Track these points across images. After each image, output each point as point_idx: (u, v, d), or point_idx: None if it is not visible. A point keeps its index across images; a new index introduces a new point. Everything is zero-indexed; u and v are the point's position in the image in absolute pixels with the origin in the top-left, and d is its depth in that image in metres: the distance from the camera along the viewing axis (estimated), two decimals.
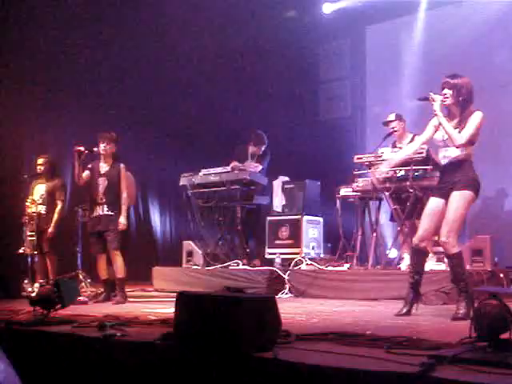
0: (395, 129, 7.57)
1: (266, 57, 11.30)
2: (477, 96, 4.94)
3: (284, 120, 10.98)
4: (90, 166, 7.03)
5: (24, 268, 7.62)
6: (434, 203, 4.91)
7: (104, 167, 6.97)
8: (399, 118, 7.64)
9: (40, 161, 7.91)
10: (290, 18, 11.38)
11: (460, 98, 4.82)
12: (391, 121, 7.62)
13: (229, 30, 10.73)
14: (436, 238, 5.09)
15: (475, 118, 4.78)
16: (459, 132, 4.76)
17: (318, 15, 11.36)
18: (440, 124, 4.84)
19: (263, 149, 8.71)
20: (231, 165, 8.49)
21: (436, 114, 4.83)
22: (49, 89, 10.08)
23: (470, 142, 4.80)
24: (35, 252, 7.59)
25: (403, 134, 7.65)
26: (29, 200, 7.67)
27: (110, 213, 6.82)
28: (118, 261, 6.81)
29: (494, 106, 8.18)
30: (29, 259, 7.61)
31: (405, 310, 4.92)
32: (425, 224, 4.94)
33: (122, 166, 6.98)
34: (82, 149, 6.80)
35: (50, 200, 7.78)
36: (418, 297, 5.01)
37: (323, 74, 11.96)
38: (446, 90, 4.85)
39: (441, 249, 5.63)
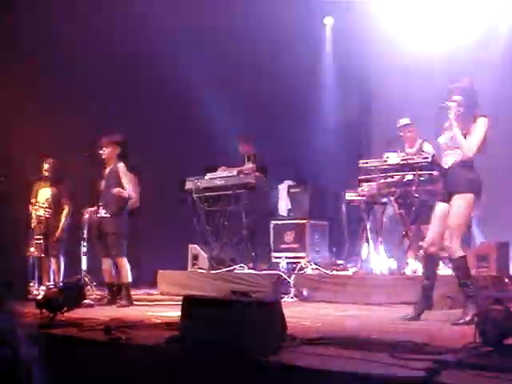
0: (408, 134, 7.46)
1: (267, 61, 11.26)
2: None
3: (289, 125, 10.95)
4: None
5: (31, 271, 7.65)
6: (439, 208, 4.95)
7: (107, 170, 7.03)
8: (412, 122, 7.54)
9: (46, 166, 7.91)
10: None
11: (469, 102, 4.82)
12: (408, 124, 7.49)
13: (229, 39, 10.65)
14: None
15: (480, 126, 4.78)
16: (465, 137, 4.75)
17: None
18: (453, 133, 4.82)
19: (252, 147, 8.65)
20: (219, 170, 8.52)
21: (451, 124, 4.81)
22: (51, 90, 10.08)
23: (479, 149, 4.81)
24: (42, 255, 7.63)
25: (415, 138, 7.54)
26: (35, 203, 7.68)
27: (106, 215, 6.85)
28: (123, 266, 6.81)
29: None
30: (35, 262, 7.65)
31: (411, 315, 4.91)
32: (432, 229, 4.98)
33: (120, 165, 6.96)
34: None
35: (55, 204, 7.78)
36: (427, 303, 4.99)
37: (329, 79, 11.94)
38: (456, 97, 4.84)
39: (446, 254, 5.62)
